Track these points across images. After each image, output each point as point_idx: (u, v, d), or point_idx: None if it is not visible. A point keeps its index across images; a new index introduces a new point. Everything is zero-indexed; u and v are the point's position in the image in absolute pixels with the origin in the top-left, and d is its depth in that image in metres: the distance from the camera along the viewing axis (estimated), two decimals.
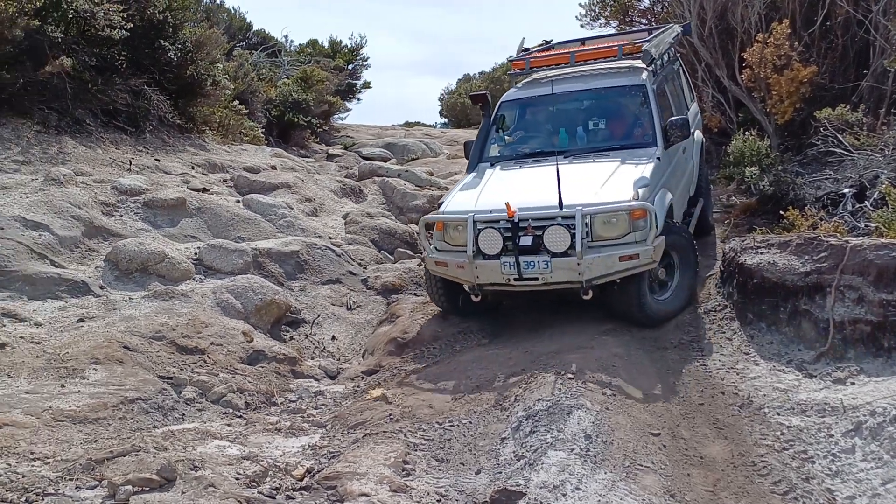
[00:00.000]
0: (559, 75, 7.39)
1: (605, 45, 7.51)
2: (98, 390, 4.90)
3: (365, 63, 21.40)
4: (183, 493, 3.77)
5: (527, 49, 8.08)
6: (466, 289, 6.05)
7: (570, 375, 4.88)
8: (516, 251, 5.64)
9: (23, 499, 3.69)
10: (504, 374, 5.21)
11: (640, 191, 5.65)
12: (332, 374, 6.35)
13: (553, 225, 5.57)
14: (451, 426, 4.62)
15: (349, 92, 20.55)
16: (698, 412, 4.78)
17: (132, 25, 9.60)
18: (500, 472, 4.04)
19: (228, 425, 4.96)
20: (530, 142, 7.19)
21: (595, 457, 4.03)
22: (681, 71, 8.36)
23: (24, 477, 3.86)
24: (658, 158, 6.23)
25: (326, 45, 20.98)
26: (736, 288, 5.81)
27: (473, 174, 6.87)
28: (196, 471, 3.99)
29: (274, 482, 4.04)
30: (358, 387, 5.90)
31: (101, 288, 6.49)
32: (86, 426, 4.53)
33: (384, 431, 4.53)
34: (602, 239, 5.59)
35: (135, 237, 7.26)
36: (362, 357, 6.73)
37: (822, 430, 4.41)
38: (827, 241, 5.34)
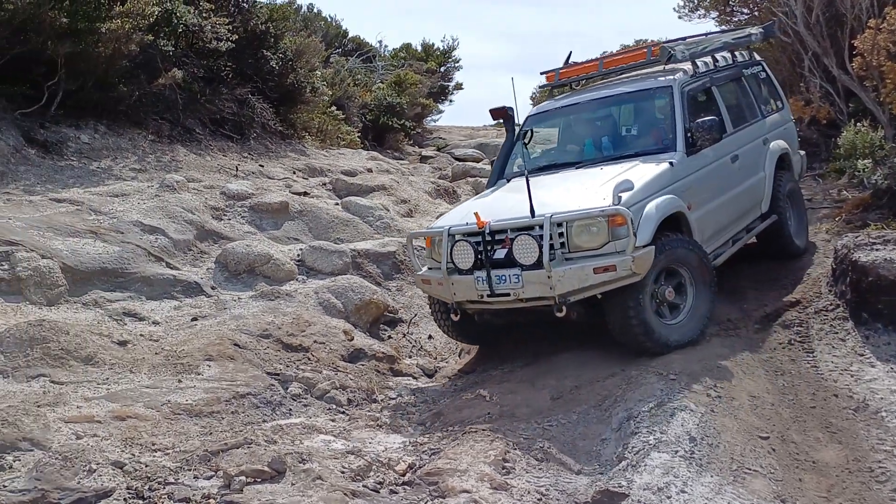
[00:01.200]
0: (595, 84, 7.13)
1: (633, 49, 7.26)
2: (212, 385, 5.15)
3: (457, 65, 21.61)
4: (293, 484, 3.92)
5: (575, 62, 7.64)
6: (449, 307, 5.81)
7: (672, 376, 4.79)
8: (488, 265, 5.36)
9: (146, 487, 3.93)
10: (602, 375, 5.16)
11: (624, 195, 5.09)
12: (430, 373, 6.45)
13: (521, 234, 5.22)
14: (549, 426, 4.62)
15: (441, 94, 20.77)
16: (809, 415, 4.60)
17: (237, 37, 10.03)
18: (602, 473, 4.02)
19: (332, 421, 5.12)
20: (550, 154, 6.95)
21: (700, 459, 3.94)
22: (760, 76, 7.57)
23: (146, 466, 4.11)
24: (671, 163, 5.68)
25: (419, 48, 21.29)
26: (849, 286, 5.53)
27: (489, 190, 6.67)
28: (304, 464, 4.14)
29: (377, 477, 4.15)
30: (455, 385, 5.97)
31: (213, 288, 6.81)
32: (201, 419, 4.77)
33: (483, 430, 4.57)
34: (580, 250, 5.14)
35: (242, 240, 7.59)
36: (458, 356, 6.81)
37: None
38: None
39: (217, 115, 10.22)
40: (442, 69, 21.01)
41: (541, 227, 5.17)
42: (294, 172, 10.33)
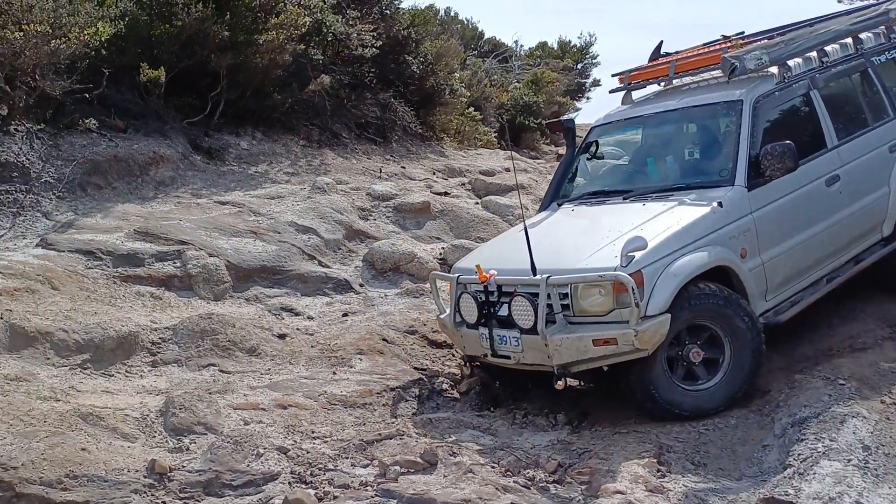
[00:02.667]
0: (669, 90, 6.21)
1: (707, 51, 6.10)
2: (364, 378, 5.35)
3: (594, 61, 21.24)
4: (445, 476, 4.00)
5: (666, 54, 6.66)
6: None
7: (841, 381, 4.49)
8: (490, 322, 4.88)
9: (308, 472, 4.13)
10: (762, 377, 4.91)
11: (637, 254, 4.38)
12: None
13: (518, 294, 4.64)
14: (705, 429, 4.45)
15: (578, 91, 20.50)
16: None
17: (380, 43, 10.36)
18: (765, 480, 3.82)
19: (479, 416, 5.17)
20: (602, 177, 6.16)
21: (876, 469, 3.67)
22: None
23: (307, 453, 4.32)
24: (719, 204, 4.82)
25: (555, 46, 21.12)
26: None
27: (534, 217, 5.97)
28: (455, 457, 4.21)
29: (527, 473, 4.15)
30: (600, 386, 5.86)
31: (361, 286, 7.07)
32: (355, 410, 4.96)
33: (635, 431, 4.48)
34: (586, 314, 4.50)
35: (387, 239, 7.83)
36: None
37: None
38: None
39: (361, 119, 10.60)
40: (579, 66, 20.74)
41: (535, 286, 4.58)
42: (434, 173, 10.54)
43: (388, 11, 11.28)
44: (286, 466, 4.14)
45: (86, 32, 7.08)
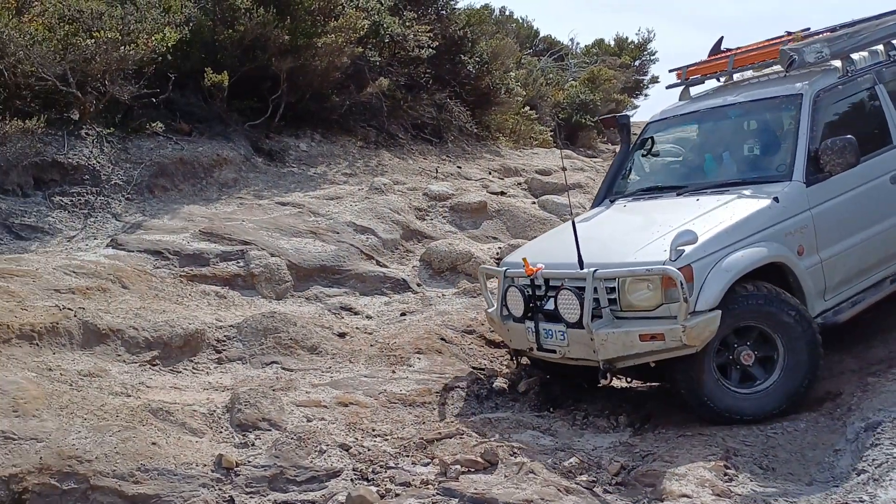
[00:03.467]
0: (727, 86, 6.07)
1: (767, 45, 5.91)
2: (423, 377, 5.37)
3: (652, 58, 20.88)
4: (506, 476, 3.99)
5: (727, 49, 6.47)
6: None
7: None
8: (536, 316, 4.86)
9: (370, 469, 4.17)
10: (833, 379, 4.76)
11: (687, 248, 4.30)
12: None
13: (565, 287, 4.63)
14: (773, 433, 4.33)
15: (636, 88, 20.21)
16: None
17: (437, 44, 10.40)
18: (837, 486, 3.70)
19: (539, 416, 5.14)
20: (657, 173, 6.05)
21: None
22: None
23: (369, 450, 4.37)
24: (775, 199, 4.72)
25: (612, 43, 20.86)
26: None
27: (587, 213, 5.97)
28: (515, 457, 4.20)
29: (589, 475, 4.11)
30: (662, 387, 5.77)
31: (418, 285, 7.10)
32: (414, 409, 4.99)
33: (700, 434, 4.39)
34: (633, 309, 4.44)
35: (444, 239, 7.85)
36: None
37: None
38: None
39: (418, 119, 10.66)
40: (636, 63, 20.44)
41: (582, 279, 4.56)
42: (490, 173, 10.52)
43: (443, 12, 11.32)
44: (348, 463, 4.19)
45: (153, 38, 7.28)
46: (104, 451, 3.83)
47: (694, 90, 6.37)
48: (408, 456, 4.32)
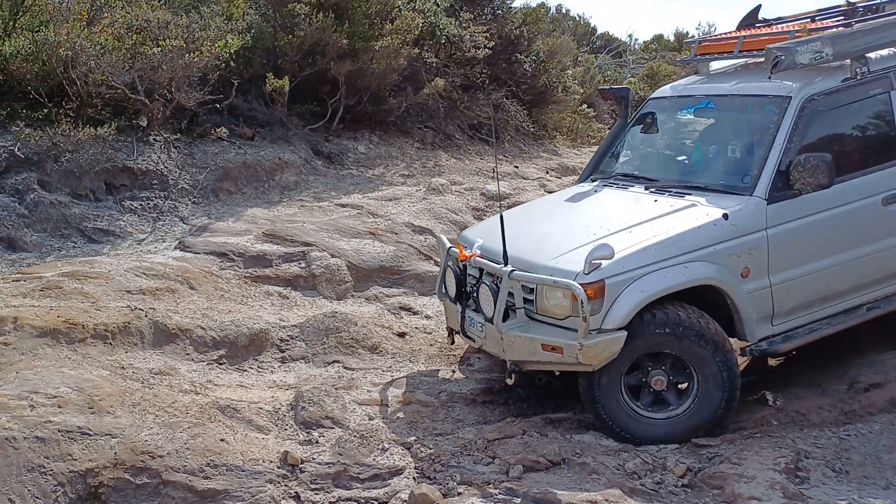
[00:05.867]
0: (740, 68, 5.47)
1: (777, 29, 5.33)
2: (483, 376, 5.37)
3: None
4: (569, 476, 3.96)
5: (765, 20, 5.82)
6: None
7: None
8: (464, 301, 4.76)
9: (432, 468, 4.19)
10: None
11: (604, 263, 4.08)
12: None
13: (484, 281, 4.52)
14: (847, 435, 4.19)
15: None
16: None
17: (493, 44, 10.41)
18: None
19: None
20: (641, 158, 5.62)
21: None
22: None
23: (430, 449, 4.38)
24: (725, 216, 4.32)
25: (672, 38, 20.51)
26: None
27: (560, 194, 5.69)
28: (578, 457, 4.16)
29: (654, 477, 4.04)
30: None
31: None
32: (475, 408, 4.99)
33: (769, 435, 4.27)
34: (548, 315, 4.27)
35: None
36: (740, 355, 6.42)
37: None
38: None
39: (474, 120, 10.69)
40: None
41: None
42: (547, 172, 10.47)
43: (499, 12, 11.33)
44: (410, 462, 4.22)
45: (216, 46, 7.49)
46: (175, 447, 3.95)
47: (714, 65, 5.76)
48: (469, 455, 4.32)
